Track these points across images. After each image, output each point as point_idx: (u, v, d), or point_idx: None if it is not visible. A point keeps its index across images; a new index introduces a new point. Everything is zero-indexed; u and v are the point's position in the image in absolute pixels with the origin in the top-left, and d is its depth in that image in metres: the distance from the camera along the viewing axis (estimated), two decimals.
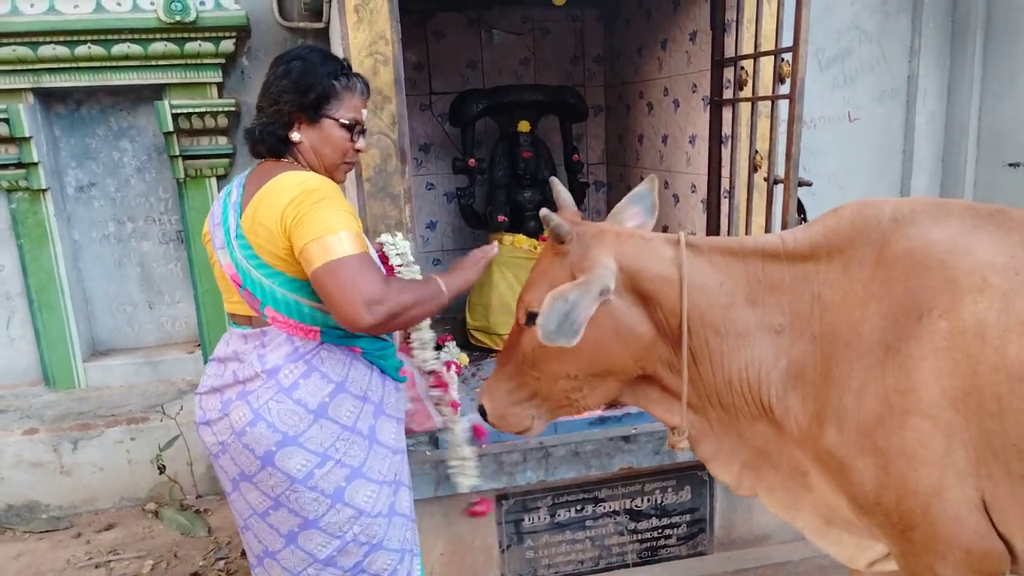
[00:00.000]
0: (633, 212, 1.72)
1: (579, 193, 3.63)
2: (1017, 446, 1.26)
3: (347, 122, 1.69)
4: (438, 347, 3.00)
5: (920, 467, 1.33)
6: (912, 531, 1.37)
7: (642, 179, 1.79)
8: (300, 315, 1.60)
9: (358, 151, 1.74)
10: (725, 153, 2.68)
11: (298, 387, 1.59)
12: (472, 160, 3.34)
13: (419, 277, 2.04)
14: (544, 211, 1.50)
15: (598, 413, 2.57)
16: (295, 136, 1.66)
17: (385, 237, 2.15)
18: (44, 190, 3.39)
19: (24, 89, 3.29)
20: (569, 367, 1.57)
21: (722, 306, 1.50)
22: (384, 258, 2.07)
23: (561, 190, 1.69)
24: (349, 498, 1.65)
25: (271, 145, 1.67)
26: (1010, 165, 3.86)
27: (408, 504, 1.83)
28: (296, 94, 1.63)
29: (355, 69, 2.25)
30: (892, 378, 1.34)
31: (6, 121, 3.23)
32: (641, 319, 1.52)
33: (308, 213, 1.51)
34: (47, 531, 3.28)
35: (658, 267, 1.50)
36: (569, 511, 2.58)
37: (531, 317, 1.55)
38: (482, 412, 1.70)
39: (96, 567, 3.00)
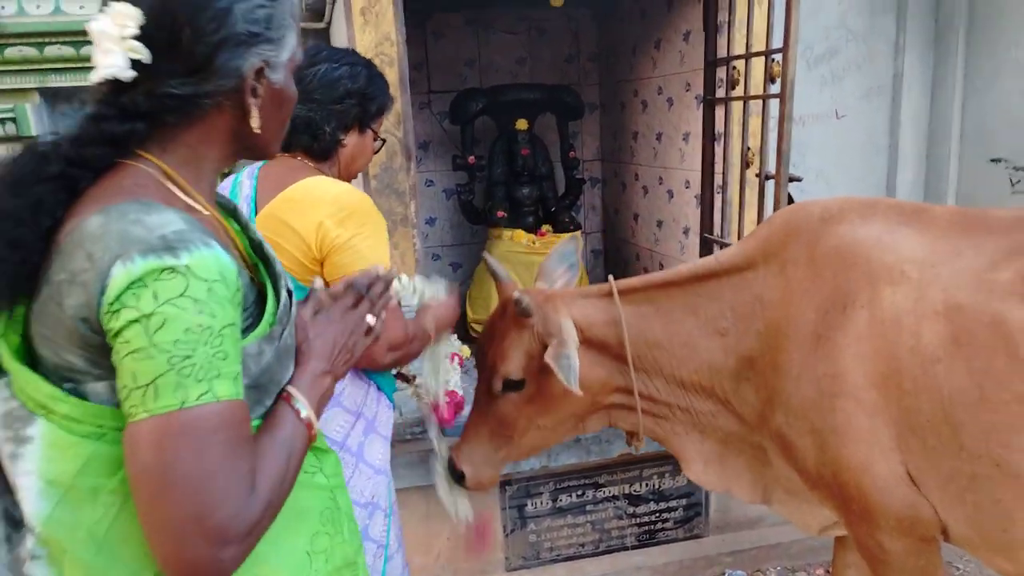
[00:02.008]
0: (560, 272, 1.91)
1: (576, 189, 3.72)
2: (931, 422, 1.38)
3: (382, 138, 1.74)
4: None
5: (849, 444, 1.46)
6: (850, 502, 1.50)
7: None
8: None
9: None
10: (718, 150, 2.77)
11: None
12: (472, 157, 3.42)
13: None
14: (516, 294, 1.64)
15: None
16: (345, 139, 1.64)
17: (395, 285, 2.05)
18: None
19: (30, 89, 3.34)
20: (541, 419, 1.75)
21: (661, 324, 1.67)
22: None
23: (497, 267, 1.84)
24: None
25: (323, 142, 1.62)
26: (992, 160, 3.98)
27: (380, 530, 1.77)
28: (363, 100, 1.63)
29: None
30: (822, 364, 1.47)
31: (13, 120, 3.28)
32: (599, 362, 1.70)
33: (354, 237, 1.49)
34: None
35: (600, 316, 1.69)
36: (570, 496, 2.67)
37: (507, 385, 1.71)
38: (459, 477, 1.82)
39: None
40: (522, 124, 3.43)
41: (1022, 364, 1.29)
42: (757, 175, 2.55)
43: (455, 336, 3.09)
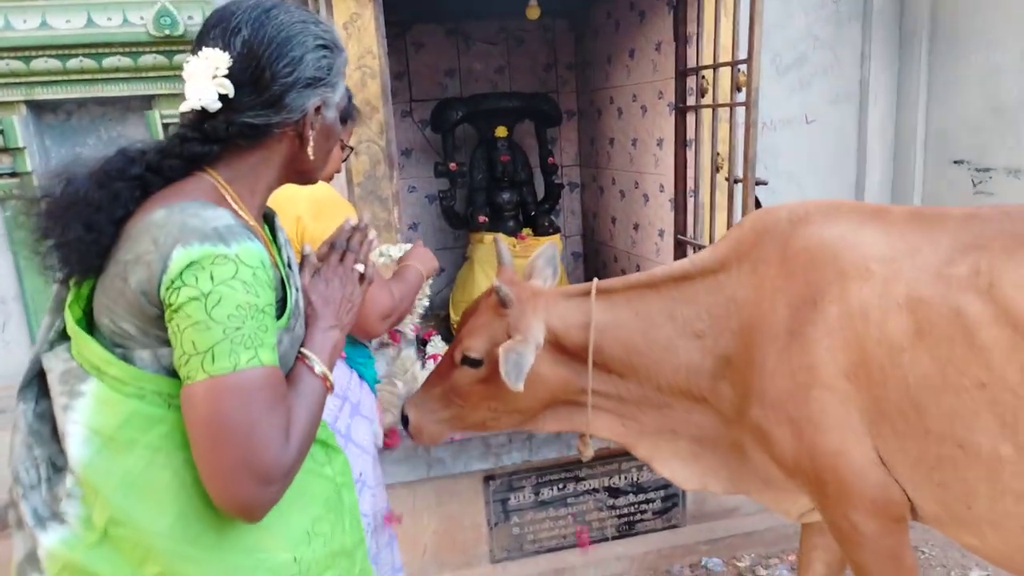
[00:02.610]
0: (544, 275, 1.99)
1: (555, 194, 3.83)
2: (899, 408, 1.47)
3: (349, 145, 1.90)
4: (424, 342, 3.18)
5: (825, 432, 1.55)
6: (826, 486, 1.59)
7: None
8: None
9: (337, 171, 1.95)
10: (690, 155, 2.89)
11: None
12: (453, 164, 3.53)
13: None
14: (496, 283, 1.75)
15: None
16: None
17: (383, 249, 2.14)
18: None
19: (17, 101, 3.39)
20: (492, 403, 1.82)
21: (641, 331, 1.75)
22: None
23: (503, 249, 1.94)
24: None
25: None
26: (955, 162, 4.13)
27: (368, 506, 1.89)
28: None
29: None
30: (796, 357, 1.56)
31: (1, 132, 3.33)
32: (561, 364, 1.78)
33: (328, 228, 1.57)
34: None
35: (574, 318, 1.76)
36: (552, 489, 2.77)
37: (466, 359, 1.79)
38: (404, 420, 1.90)
39: None
40: (501, 131, 3.53)
41: (979, 352, 1.37)
42: (727, 179, 2.67)
43: (438, 337, 3.17)
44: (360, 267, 1.20)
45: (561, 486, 2.77)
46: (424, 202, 4.08)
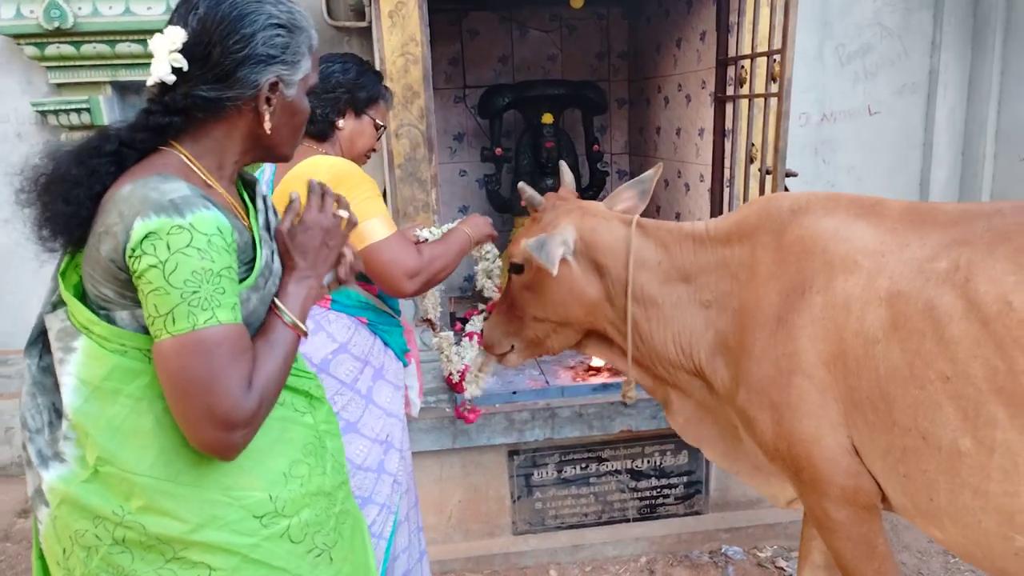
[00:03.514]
0: (628, 195, 2.05)
1: (599, 181, 3.87)
2: (870, 398, 1.50)
3: (381, 123, 1.99)
4: (464, 320, 3.31)
5: (803, 418, 1.59)
6: (801, 472, 1.63)
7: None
8: None
9: (374, 150, 2.04)
10: (728, 145, 2.89)
11: (304, 342, 1.83)
12: (499, 149, 3.62)
13: None
14: (521, 184, 1.88)
15: (600, 380, 2.84)
16: (341, 122, 1.91)
17: (423, 234, 2.13)
18: None
19: (103, 82, 3.69)
20: (539, 311, 1.94)
21: (659, 281, 1.81)
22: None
23: (565, 171, 2.02)
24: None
25: (319, 126, 1.89)
26: None
27: (395, 465, 1.99)
28: (352, 89, 1.90)
29: (388, 68, 2.56)
30: (780, 344, 1.61)
31: (88, 111, 3.63)
32: (590, 282, 1.86)
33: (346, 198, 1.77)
34: None
35: (610, 242, 1.83)
36: (575, 468, 2.85)
37: (513, 267, 1.94)
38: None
39: None
40: (547, 118, 3.60)
41: (946, 345, 1.39)
42: (760, 170, 2.67)
43: (480, 316, 3.29)
44: (344, 213, 1.25)
45: (584, 465, 2.85)
46: (475, 186, 4.20)
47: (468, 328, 3.18)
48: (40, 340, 1.15)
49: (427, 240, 2.05)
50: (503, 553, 2.81)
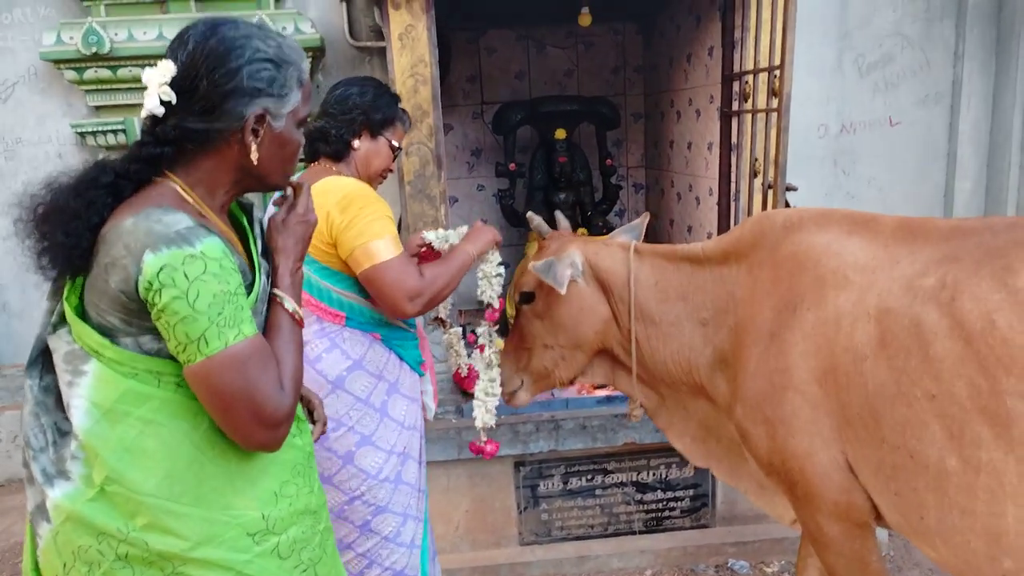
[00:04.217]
0: (623, 237, 2.11)
1: (612, 195, 3.91)
2: (860, 415, 1.50)
3: (396, 145, 2.04)
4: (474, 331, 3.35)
5: (795, 434, 1.59)
6: (795, 487, 1.64)
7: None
8: (329, 300, 1.90)
9: (390, 170, 2.08)
10: (734, 159, 2.91)
11: (321, 359, 1.88)
12: (512, 164, 3.68)
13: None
14: (530, 213, 1.95)
15: (604, 393, 2.87)
16: (356, 143, 1.96)
17: (429, 236, 2.20)
18: None
19: (138, 104, 3.83)
20: (550, 337, 1.97)
21: (657, 300, 1.86)
22: (430, 253, 2.19)
23: (561, 219, 2.10)
24: (358, 461, 1.92)
25: (335, 146, 1.95)
26: None
27: (415, 475, 2.03)
28: (368, 111, 1.95)
29: (399, 88, 2.64)
30: (773, 360, 1.62)
31: (124, 131, 3.80)
32: (599, 301, 1.91)
33: (355, 219, 1.79)
34: None
35: (612, 264, 1.89)
36: (580, 480, 2.88)
37: (522, 296, 1.98)
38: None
39: None
40: (560, 133, 3.65)
41: (931, 363, 1.39)
42: (762, 184, 2.68)
43: (490, 326, 3.33)
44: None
45: (589, 477, 2.88)
46: (492, 200, 4.26)
47: (480, 341, 3.23)
48: (40, 360, 1.18)
49: (433, 242, 2.09)
50: (509, 564, 2.85)
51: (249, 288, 1.20)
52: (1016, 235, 1.41)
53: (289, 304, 1.24)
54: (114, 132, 3.77)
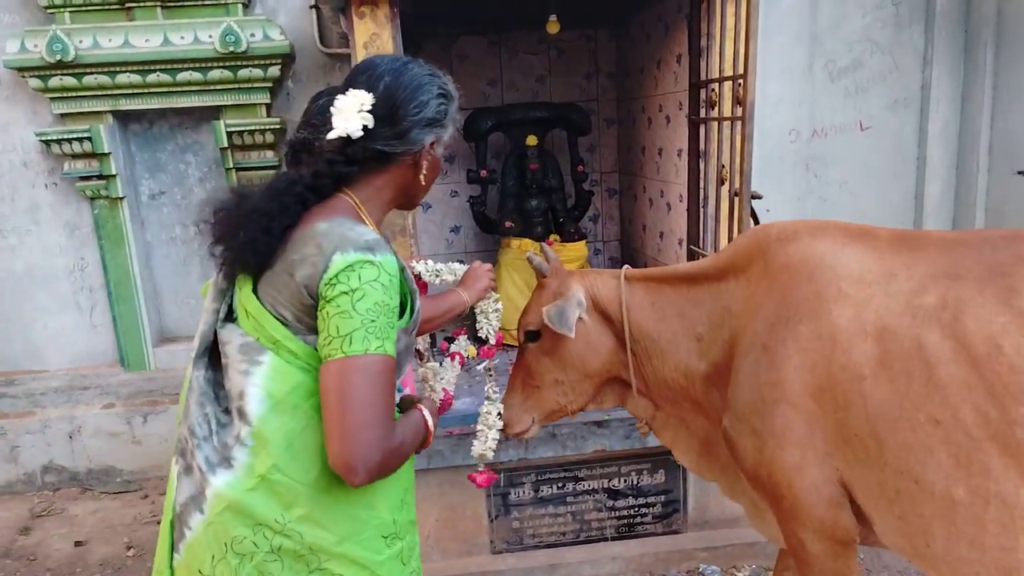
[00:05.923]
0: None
1: (584, 201, 3.91)
2: (858, 435, 1.45)
3: None
4: (450, 339, 3.35)
5: (786, 447, 1.55)
6: (781, 500, 1.60)
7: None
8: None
9: None
10: (702, 166, 2.92)
11: None
12: (484, 171, 3.68)
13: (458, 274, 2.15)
14: (528, 254, 1.98)
15: None
16: None
17: (419, 267, 2.07)
18: (121, 198, 3.92)
19: (104, 112, 3.82)
20: (559, 372, 1.97)
21: (654, 319, 1.86)
22: (419, 284, 2.09)
23: (549, 251, 2.10)
24: None
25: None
26: (1019, 173, 3.91)
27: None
28: None
29: None
30: (765, 372, 1.57)
31: (89, 139, 3.76)
32: (605, 332, 1.93)
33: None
34: (120, 492, 3.82)
35: (608, 293, 1.91)
36: (551, 487, 2.88)
37: (528, 335, 1.98)
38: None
39: (158, 523, 3.48)
40: (532, 140, 3.66)
41: (935, 388, 1.34)
42: (729, 192, 2.69)
43: (464, 337, 3.34)
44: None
45: (560, 484, 2.88)
46: (465, 206, 4.25)
47: (452, 348, 3.22)
48: (207, 353, 1.28)
49: (422, 274, 2.03)
50: (481, 572, 2.84)
51: (402, 310, 1.26)
52: (1018, 250, 1.36)
53: (430, 421, 1.31)
54: (79, 140, 3.73)
